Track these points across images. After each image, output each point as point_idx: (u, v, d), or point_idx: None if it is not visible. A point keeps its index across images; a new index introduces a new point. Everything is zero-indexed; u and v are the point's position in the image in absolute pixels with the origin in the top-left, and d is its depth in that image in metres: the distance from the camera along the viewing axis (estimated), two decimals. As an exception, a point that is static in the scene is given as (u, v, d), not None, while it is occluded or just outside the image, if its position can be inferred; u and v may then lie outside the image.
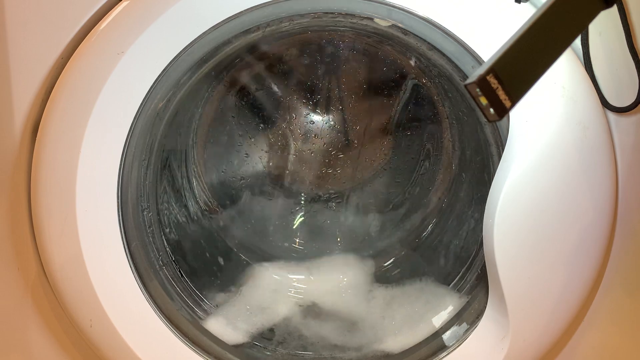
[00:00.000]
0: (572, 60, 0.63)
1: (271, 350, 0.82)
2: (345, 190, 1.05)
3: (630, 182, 0.67)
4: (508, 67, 0.45)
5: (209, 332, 0.79)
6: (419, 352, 0.78)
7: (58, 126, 0.65)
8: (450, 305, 0.81)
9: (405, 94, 0.98)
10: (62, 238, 0.67)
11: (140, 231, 0.75)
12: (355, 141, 1.02)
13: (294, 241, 1.03)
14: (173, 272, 0.82)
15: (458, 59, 0.68)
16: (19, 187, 0.69)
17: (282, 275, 0.95)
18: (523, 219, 0.65)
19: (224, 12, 0.65)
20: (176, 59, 0.66)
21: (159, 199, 0.84)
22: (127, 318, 0.70)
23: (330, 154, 1.02)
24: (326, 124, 1.01)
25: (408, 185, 1.03)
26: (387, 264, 0.98)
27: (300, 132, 1.01)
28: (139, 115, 0.66)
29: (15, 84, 0.66)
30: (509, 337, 0.68)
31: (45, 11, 0.64)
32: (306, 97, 1.00)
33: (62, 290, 0.68)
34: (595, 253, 0.67)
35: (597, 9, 0.48)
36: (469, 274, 0.82)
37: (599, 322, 0.74)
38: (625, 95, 0.64)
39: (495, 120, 0.45)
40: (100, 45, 0.64)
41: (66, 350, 0.77)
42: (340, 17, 0.70)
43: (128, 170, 0.69)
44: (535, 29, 0.46)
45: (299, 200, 1.04)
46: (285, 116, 1.01)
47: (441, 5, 0.64)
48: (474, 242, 0.82)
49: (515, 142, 0.64)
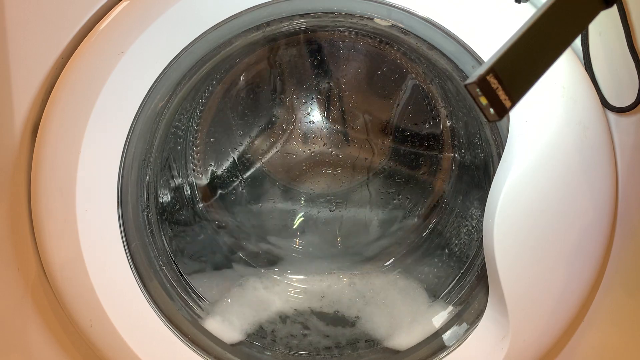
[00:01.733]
0: (572, 60, 0.63)
1: (271, 350, 0.82)
2: (345, 190, 1.05)
3: (630, 182, 0.67)
4: (508, 67, 0.45)
5: (209, 332, 0.79)
6: (419, 352, 0.78)
7: (58, 126, 0.65)
8: (451, 305, 0.81)
9: (405, 93, 0.98)
10: (62, 238, 0.67)
11: (140, 231, 0.75)
12: (355, 141, 1.02)
13: (294, 241, 1.03)
14: (173, 272, 0.82)
15: (458, 59, 0.68)
16: (19, 187, 0.69)
17: (282, 275, 0.95)
18: (523, 219, 0.65)
19: (224, 12, 0.65)
20: (176, 59, 0.66)
21: (159, 199, 0.84)
22: (127, 318, 0.70)
23: (330, 154, 1.02)
24: (326, 124, 1.01)
25: (408, 185, 1.03)
26: (387, 264, 0.98)
27: (300, 132, 1.01)
28: (139, 115, 0.66)
29: (15, 84, 0.66)
30: (509, 337, 0.68)
31: (45, 11, 0.64)
32: (306, 97, 1.00)
33: (62, 290, 0.68)
34: (595, 253, 0.67)
35: (597, 9, 0.48)
36: (468, 275, 0.82)
37: (599, 322, 0.74)
38: (625, 95, 0.64)
39: (495, 120, 0.45)
40: (100, 45, 0.64)
41: (66, 350, 0.77)
42: (340, 17, 0.70)
43: (128, 170, 0.69)
44: (535, 29, 0.46)
45: (299, 200, 1.04)
46: (285, 116, 1.01)
47: (441, 5, 0.64)
48: (474, 242, 0.82)
49: (515, 142, 0.64)
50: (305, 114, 1.01)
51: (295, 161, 1.03)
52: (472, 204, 0.88)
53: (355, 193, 1.04)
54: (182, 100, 0.78)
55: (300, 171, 1.03)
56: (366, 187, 1.04)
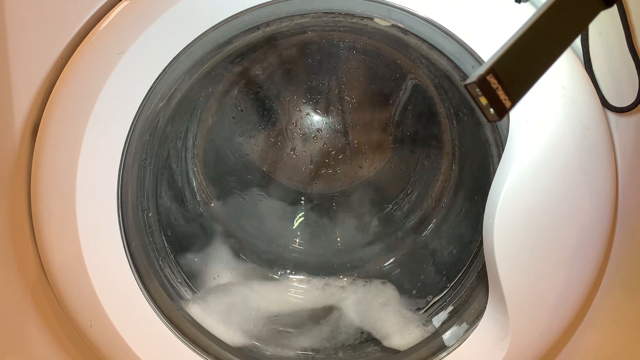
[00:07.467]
0: (572, 60, 0.63)
1: (270, 350, 0.82)
2: (345, 190, 1.05)
3: (630, 182, 0.67)
4: (508, 67, 0.45)
5: (209, 332, 0.79)
6: (419, 352, 0.78)
7: (58, 126, 0.65)
8: (451, 305, 0.81)
9: (405, 94, 0.98)
10: (62, 238, 0.67)
11: (140, 231, 0.75)
12: (355, 141, 1.02)
13: (294, 241, 1.03)
14: (173, 272, 0.82)
15: (458, 58, 0.68)
16: (19, 187, 0.69)
17: (282, 275, 0.95)
18: (523, 219, 0.65)
19: (224, 12, 0.65)
20: (176, 59, 0.66)
21: (159, 199, 0.84)
22: (127, 318, 0.70)
23: (330, 154, 1.02)
24: (326, 124, 1.01)
25: (408, 185, 1.03)
26: (387, 264, 0.98)
27: (300, 132, 1.01)
28: (139, 115, 0.66)
29: (15, 84, 0.66)
30: (509, 337, 0.68)
31: (45, 11, 0.64)
32: (306, 97, 1.00)
33: (62, 290, 0.68)
34: (595, 253, 0.67)
35: (597, 9, 0.48)
36: (468, 274, 0.82)
37: (599, 322, 0.74)
38: (625, 95, 0.64)
39: (495, 120, 0.45)
40: (100, 45, 0.64)
41: (66, 350, 0.77)
42: (340, 17, 0.70)
43: (128, 170, 0.69)
44: (535, 29, 0.46)
45: (299, 200, 1.04)
46: (285, 116, 1.01)
47: (441, 5, 0.64)
48: (474, 242, 0.82)
49: (515, 142, 0.64)
50: (306, 114, 1.01)
51: (295, 161, 1.03)
52: (472, 203, 0.88)
53: (356, 193, 1.04)
54: (182, 100, 0.78)
55: (300, 171, 1.03)
56: (366, 187, 1.04)
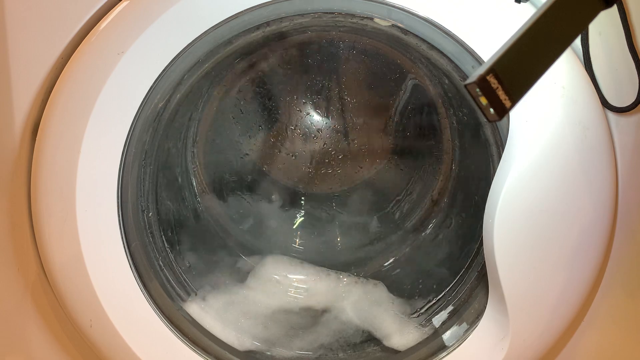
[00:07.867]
0: (572, 60, 0.63)
1: (270, 350, 0.82)
2: (345, 190, 1.05)
3: (630, 182, 0.67)
4: (508, 67, 0.45)
5: (209, 332, 0.79)
6: (419, 352, 0.78)
7: (58, 126, 0.65)
8: (451, 305, 0.81)
9: (405, 94, 0.98)
10: (62, 238, 0.67)
11: (140, 231, 0.75)
12: (355, 141, 1.02)
13: (294, 241, 1.03)
14: (173, 272, 0.82)
15: (458, 58, 0.68)
16: (19, 187, 0.69)
17: (282, 276, 0.95)
18: (523, 219, 0.65)
19: (224, 12, 0.65)
20: (176, 59, 0.66)
21: (159, 199, 0.84)
22: (127, 318, 0.70)
23: (330, 154, 1.02)
24: (326, 124, 1.01)
25: (408, 185, 1.03)
26: (387, 264, 0.98)
27: (300, 132, 1.01)
28: (139, 115, 0.66)
29: (15, 84, 0.66)
30: (509, 337, 0.68)
31: (45, 11, 0.64)
32: (306, 97, 1.00)
33: (62, 290, 0.68)
34: (595, 253, 0.67)
35: (597, 9, 0.48)
36: (468, 274, 0.82)
37: (599, 322, 0.74)
38: (625, 95, 0.64)
39: (495, 120, 0.45)
40: (100, 45, 0.64)
41: (66, 350, 0.77)
42: (340, 17, 0.70)
43: (128, 170, 0.69)
44: (535, 29, 0.46)
45: (299, 200, 1.04)
46: (285, 116, 1.01)
47: (441, 5, 0.64)
48: (474, 242, 0.82)
49: (515, 142, 0.64)
50: (306, 114, 1.01)
51: (295, 161, 1.03)
52: (472, 203, 0.88)
53: (356, 193, 1.04)
54: (182, 100, 0.78)
55: (300, 171, 1.03)
56: (366, 187, 1.04)
